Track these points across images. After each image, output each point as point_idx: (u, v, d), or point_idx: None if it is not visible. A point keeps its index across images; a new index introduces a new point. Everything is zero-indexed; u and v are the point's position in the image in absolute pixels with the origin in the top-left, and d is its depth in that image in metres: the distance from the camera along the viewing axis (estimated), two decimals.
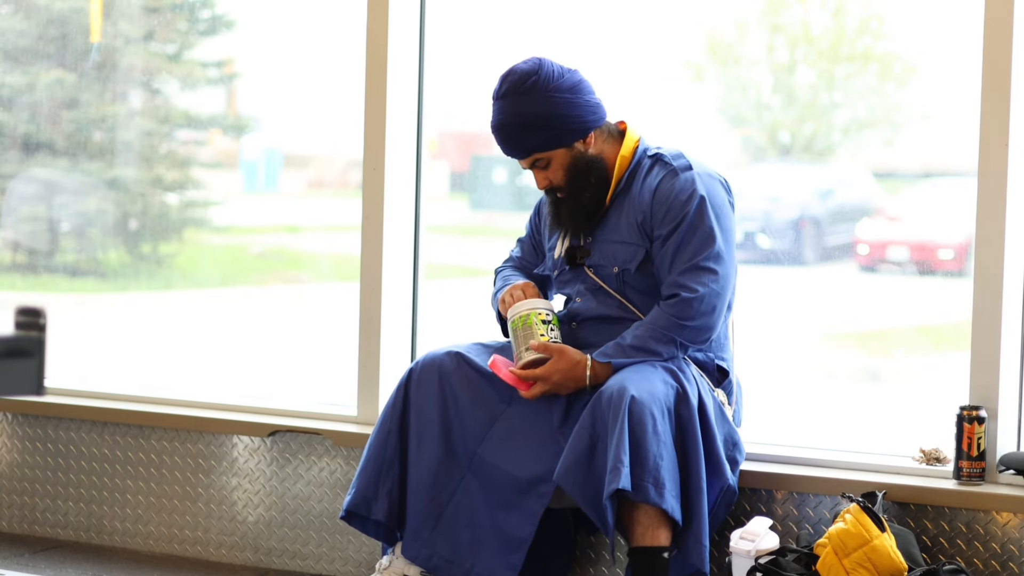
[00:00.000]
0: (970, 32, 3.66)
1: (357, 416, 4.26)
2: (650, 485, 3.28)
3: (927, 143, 4.94)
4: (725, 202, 3.55)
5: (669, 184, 3.52)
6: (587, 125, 3.55)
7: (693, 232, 3.48)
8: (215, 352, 5.53)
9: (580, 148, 3.55)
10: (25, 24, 5.18)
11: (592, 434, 3.35)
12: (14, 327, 2.15)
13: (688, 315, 3.45)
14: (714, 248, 3.48)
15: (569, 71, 3.57)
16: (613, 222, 3.58)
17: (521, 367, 3.53)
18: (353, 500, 3.64)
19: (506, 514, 3.52)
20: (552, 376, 3.49)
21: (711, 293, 3.46)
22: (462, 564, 3.56)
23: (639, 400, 3.30)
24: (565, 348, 3.51)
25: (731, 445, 3.55)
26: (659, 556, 3.34)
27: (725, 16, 4.97)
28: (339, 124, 5.25)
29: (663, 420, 3.34)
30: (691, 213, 3.48)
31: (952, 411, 3.60)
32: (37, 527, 4.59)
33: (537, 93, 3.51)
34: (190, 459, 4.39)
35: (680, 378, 3.42)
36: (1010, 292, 3.62)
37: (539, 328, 3.54)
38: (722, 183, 3.58)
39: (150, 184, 5.44)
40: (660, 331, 3.46)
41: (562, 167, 3.56)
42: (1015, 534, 3.50)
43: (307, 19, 5.13)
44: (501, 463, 3.54)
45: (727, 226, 3.53)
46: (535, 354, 3.52)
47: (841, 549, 3.33)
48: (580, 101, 3.53)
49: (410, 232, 4.29)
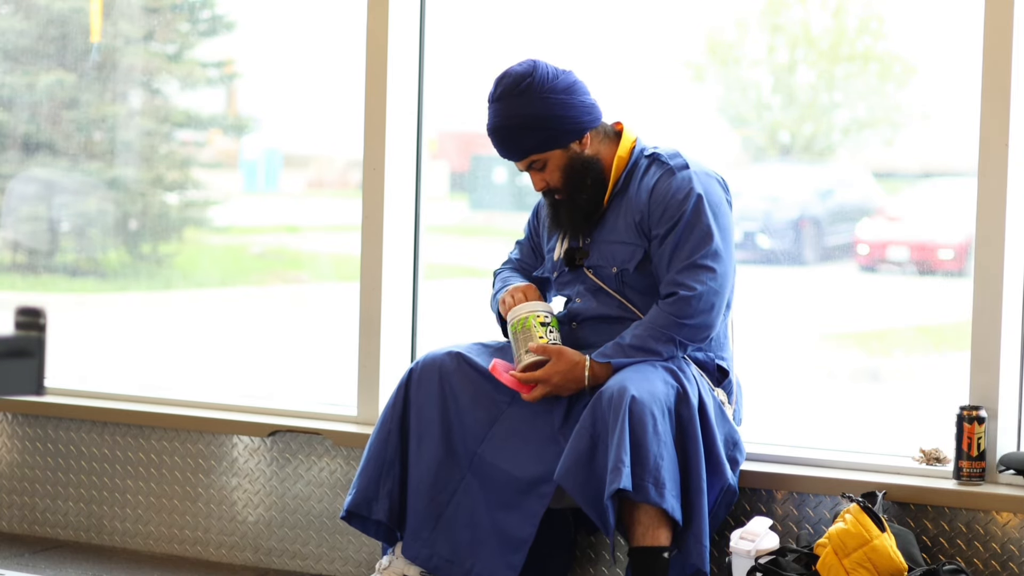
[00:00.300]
0: (970, 32, 3.66)
1: (357, 416, 4.26)
2: (650, 485, 3.29)
3: (927, 143, 4.94)
4: (722, 200, 3.55)
5: (666, 183, 3.52)
6: (582, 126, 3.55)
7: (691, 230, 3.48)
8: (215, 352, 5.53)
9: (576, 149, 3.55)
10: (25, 24, 5.18)
11: (593, 434, 3.35)
12: (14, 327, 2.15)
13: (687, 313, 3.45)
14: (712, 246, 3.48)
15: (564, 72, 3.56)
16: (611, 223, 3.58)
17: (521, 370, 3.53)
18: (354, 500, 3.64)
19: (506, 514, 3.52)
20: (552, 378, 3.49)
21: (709, 291, 3.46)
22: (462, 564, 3.56)
23: (639, 400, 3.30)
24: (564, 349, 3.51)
25: (731, 445, 3.54)
26: (659, 556, 3.34)
27: (725, 16, 4.97)
28: (339, 124, 5.25)
29: (663, 420, 3.34)
30: (688, 211, 3.48)
31: (952, 411, 3.60)
32: (37, 527, 4.59)
33: (532, 95, 3.51)
34: (190, 459, 4.39)
35: (680, 378, 3.42)
36: (1010, 292, 3.62)
37: (538, 331, 3.54)
38: (719, 181, 3.58)
39: (150, 184, 5.44)
40: (659, 330, 3.46)
41: (558, 168, 3.56)
42: (1015, 534, 3.50)
43: (307, 19, 5.13)
44: (501, 463, 3.54)
45: (725, 224, 3.53)
46: (534, 356, 3.52)
47: (841, 549, 3.32)
48: (575, 102, 3.53)
49: (410, 232, 4.29)
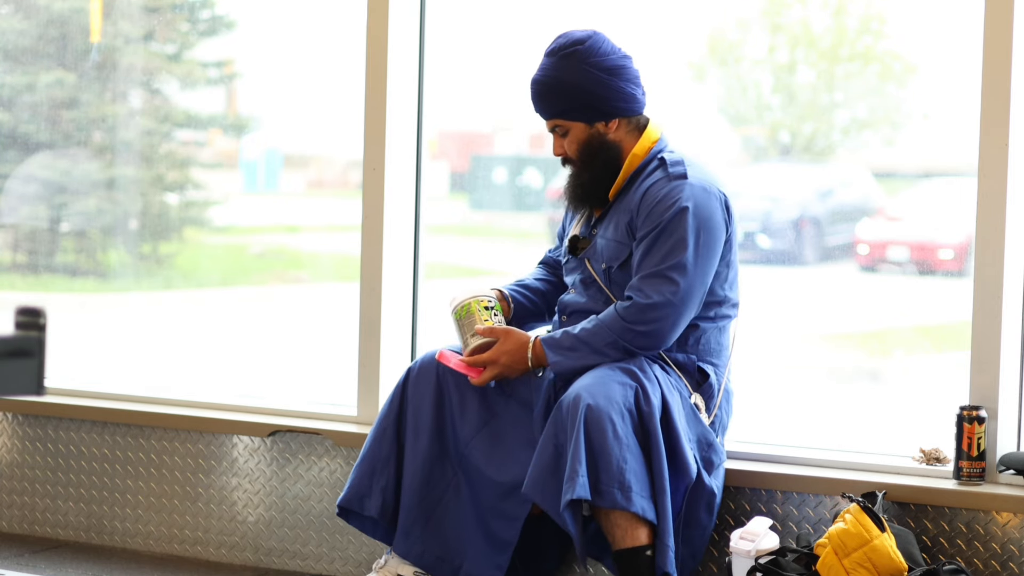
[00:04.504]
0: (970, 32, 3.66)
1: (357, 416, 4.26)
2: (616, 490, 3.28)
3: (927, 143, 4.94)
4: (715, 218, 3.46)
5: (659, 189, 3.48)
6: (614, 110, 3.53)
7: (665, 239, 3.43)
8: (215, 352, 5.53)
9: (600, 129, 3.54)
10: (25, 24, 5.18)
11: (556, 443, 3.36)
12: (14, 327, 2.15)
13: (638, 320, 3.41)
14: (681, 259, 3.41)
15: (620, 55, 3.55)
16: (612, 219, 3.58)
17: (468, 354, 3.54)
18: (346, 496, 3.68)
19: (491, 516, 3.58)
20: (500, 358, 3.51)
21: (665, 303, 3.40)
22: (451, 562, 3.59)
23: (595, 408, 3.28)
24: (511, 330, 3.53)
25: (705, 446, 3.50)
26: (642, 555, 3.34)
27: (726, 16, 4.97)
28: (339, 124, 5.25)
29: (624, 423, 3.32)
30: (667, 220, 3.43)
31: (952, 411, 3.60)
32: (37, 527, 4.59)
33: (575, 62, 3.51)
34: (190, 459, 4.39)
35: (639, 377, 3.38)
36: (1010, 292, 3.62)
37: (482, 314, 3.55)
38: (719, 199, 3.49)
39: (150, 184, 5.44)
40: (607, 331, 3.43)
41: (577, 141, 3.55)
42: (1015, 534, 3.50)
43: (307, 19, 5.13)
44: (484, 467, 3.58)
45: (706, 241, 3.44)
46: (481, 339, 3.52)
47: (841, 549, 3.32)
48: (614, 85, 3.51)
49: (410, 232, 4.29)
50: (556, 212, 5.52)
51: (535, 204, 5.67)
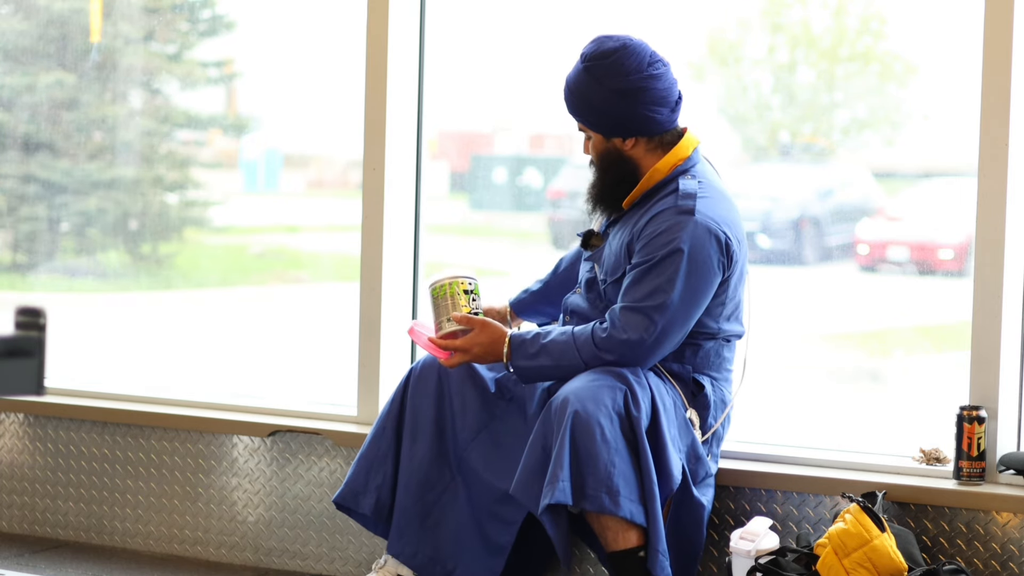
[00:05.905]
0: (970, 32, 3.66)
1: (357, 416, 4.26)
2: (604, 495, 3.26)
3: (927, 143, 4.94)
4: (709, 263, 3.39)
5: (662, 220, 3.40)
6: (627, 130, 3.47)
7: (655, 276, 3.37)
8: (215, 352, 5.53)
9: (617, 144, 3.49)
10: (25, 24, 5.18)
11: (544, 446, 3.35)
12: (14, 327, 2.15)
13: (609, 350, 3.37)
14: (664, 300, 3.35)
15: (645, 74, 3.43)
16: (621, 231, 3.53)
17: (441, 336, 3.53)
18: (342, 492, 3.69)
19: (488, 520, 3.58)
20: (472, 348, 3.49)
21: (639, 342, 3.35)
22: (444, 565, 3.59)
23: (583, 412, 3.26)
24: (488, 322, 3.49)
25: (694, 459, 3.47)
26: (635, 556, 3.34)
27: (726, 16, 4.97)
28: (339, 124, 5.25)
29: (612, 426, 3.29)
30: (660, 257, 3.36)
31: (952, 411, 3.60)
32: (37, 527, 4.59)
33: (593, 79, 3.45)
34: (190, 459, 4.39)
35: (630, 380, 3.34)
36: (1010, 292, 3.62)
37: (461, 299, 3.53)
38: (721, 241, 3.41)
39: (150, 184, 5.44)
40: (575, 353, 3.39)
41: (596, 148, 3.53)
42: (1015, 534, 3.50)
43: (307, 19, 5.13)
44: (482, 470, 3.58)
45: (695, 286, 3.38)
46: (456, 325, 3.51)
47: (841, 549, 3.32)
48: (629, 109, 3.44)
49: (410, 232, 4.29)
50: (556, 212, 5.53)
51: (535, 204, 5.68)
